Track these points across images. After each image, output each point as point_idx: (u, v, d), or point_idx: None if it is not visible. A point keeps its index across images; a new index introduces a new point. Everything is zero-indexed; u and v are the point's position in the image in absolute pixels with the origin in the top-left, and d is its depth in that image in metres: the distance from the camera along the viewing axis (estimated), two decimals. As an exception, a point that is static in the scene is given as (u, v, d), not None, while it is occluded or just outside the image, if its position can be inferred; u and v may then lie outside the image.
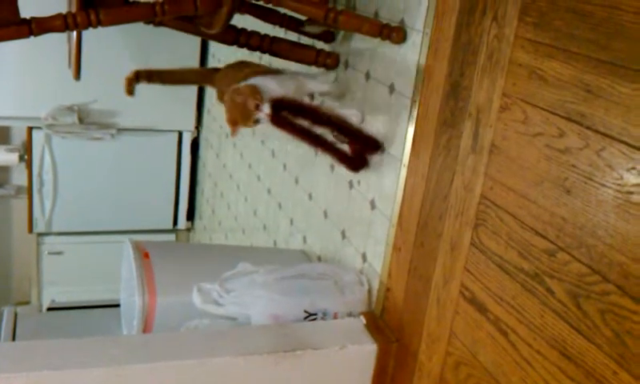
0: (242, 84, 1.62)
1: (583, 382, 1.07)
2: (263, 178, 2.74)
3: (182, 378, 1.52)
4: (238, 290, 1.61)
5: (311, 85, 1.89)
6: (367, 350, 1.60)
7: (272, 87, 1.63)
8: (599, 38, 1.05)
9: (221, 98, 1.75)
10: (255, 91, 1.57)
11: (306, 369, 1.57)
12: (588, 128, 1.06)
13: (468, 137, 1.36)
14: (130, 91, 1.69)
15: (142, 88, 1.81)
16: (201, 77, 1.83)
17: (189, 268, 1.88)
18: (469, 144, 1.36)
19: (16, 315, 2.39)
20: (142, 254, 1.87)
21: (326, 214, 2.05)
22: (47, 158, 3.70)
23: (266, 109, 1.55)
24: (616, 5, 1.01)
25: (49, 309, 2.79)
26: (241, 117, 1.58)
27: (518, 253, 1.22)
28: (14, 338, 2.30)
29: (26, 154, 3.72)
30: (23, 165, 3.81)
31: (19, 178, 4.06)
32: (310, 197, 2.19)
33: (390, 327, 1.63)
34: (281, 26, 2.01)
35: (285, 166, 2.46)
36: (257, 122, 1.59)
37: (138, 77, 1.69)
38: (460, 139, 1.38)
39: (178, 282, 1.77)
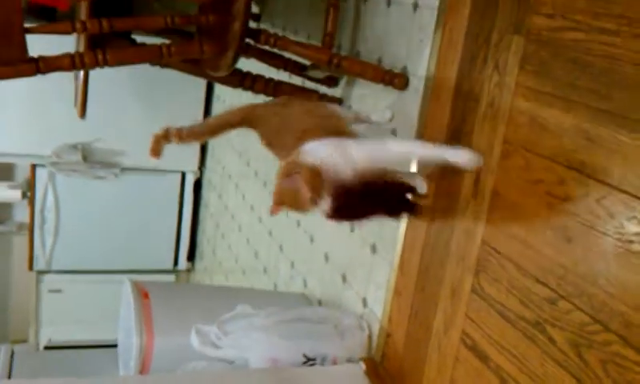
0: (301, 157, 1.21)
1: (585, 434, 1.05)
2: (265, 219, 2.74)
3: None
4: (236, 333, 1.60)
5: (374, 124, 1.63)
6: (366, 396, 1.58)
7: (340, 162, 1.22)
8: (599, 88, 1.06)
9: (269, 144, 1.41)
10: (316, 178, 1.17)
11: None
12: (588, 176, 1.07)
13: (469, 183, 1.36)
14: (157, 152, 1.35)
15: (145, 128, 1.77)
16: (240, 120, 1.43)
17: (188, 309, 1.87)
18: (470, 191, 1.36)
19: (13, 353, 2.37)
20: (142, 294, 1.86)
21: (327, 258, 2.05)
22: (50, 196, 3.71)
23: (325, 205, 1.19)
24: (616, 56, 1.03)
25: (46, 347, 2.77)
26: (290, 203, 1.22)
27: (519, 300, 1.21)
28: (9, 376, 2.28)
29: (29, 190, 3.74)
30: (26, 202, 3.82)
31: (21, 214, 4.06)
32: (312, 240, 2.18)
33: (390, 374, 1.61)
34: (285, 69, 2.03)
35: (286, 209, 2.46)
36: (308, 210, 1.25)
37: (167, 135, 1.36)
38: (461, 186, 1.39)
39: (177, 324, 1.76)
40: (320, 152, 1.22)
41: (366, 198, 1.28)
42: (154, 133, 1.36)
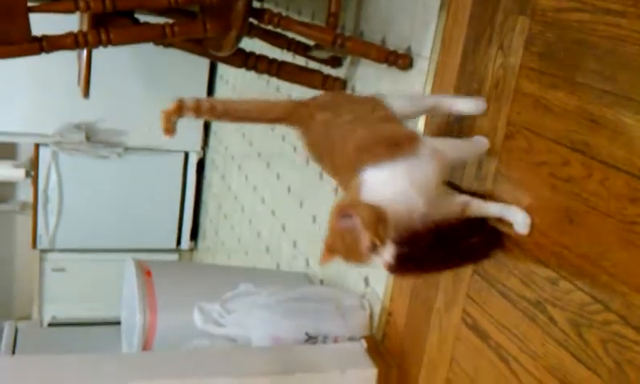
0: (359, 192, 1.03)
1: (584, 413, 1.06)
2: (268, 200, 2.75)
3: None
4: (239, 311, 1.61)
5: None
6: (367, 375, 1.59)
7: (405, 200, 1.04)
8: (604, 69, 1.06)
9: (319, 159, 1.21)
10: (378, 220, 0.98)
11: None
12: (592, 158, 1.07)
13: (472, 164, 1.37)
14: (170, 129, 1.17)
15: (148, 107, 1.76)
16: (281, 116, 1.21)
17: (190, 288, 1.89)
18: (472, 171, 1.36)
19: (16, 330, 2.39)
20: (145, 273, 1.87)
21: (329, 238, 2.05)
22: (53, 175, 3.72)
23: (388, 254, 0.99)
24: (621, 37, 1.03)
25: (49, 324, 2.79)
26: (345, 250, 1.01)
27: (520, 281, 1.21)
28: (13, 353, 2.30)
29: (33, 170, 3.74)
30: (29, 181, 3.83)
31: (25, 193, 4.07)
32: (314, 220, 2.19)
33: (390, 352, 1.63)
34: (289, 49, 2.03)
35: (289, 189, 2.47)
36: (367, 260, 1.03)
37: (182, 109, 1.16)
38: (464, 168, 1.39)
39: (180, 302, 1.77)
40: (381, 187, 1.03)
41: (436, 245, 1.15)
42: (163, 109, 1.17)
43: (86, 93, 2.13)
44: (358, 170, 1.07)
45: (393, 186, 1.04)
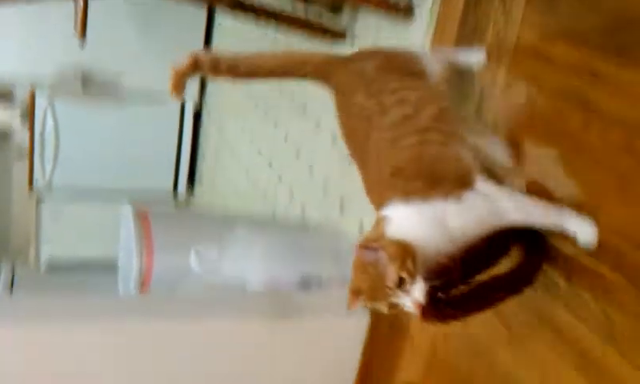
0: (384, 230, 0.91)
1: None
2: (265, 150, 2.76)
3: (175, 337, 1.55)
4: (235, 254, 1.63)
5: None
6: (360, 320, 1.62)
7: (438, 236, 0.92)
8: (607, 24, 1.06)
9: (351, 152, 1.06)
10: (405, 253, 0.87)
11: (299, 335, 1.59)
12: (593, 111, 1.08)
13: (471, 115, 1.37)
14: (180, 89, 1.02)
15: (145, 54, 1.71)
16: (308, 71, 1.06)
17: (187, 231, 1.90)
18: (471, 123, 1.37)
19: (14, 271, 2.41)
20: (141, 216, 1.88)
21: (325, 186, 2.07)
22: (49, 120, 3.71)
23: (418, 291, 0.88)
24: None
25: (46, 268, 2.81)
26: (370, 290, 0.90)
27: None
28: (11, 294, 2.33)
29: (29, 115, 3.73)
30: (25, 126, 3.81)
31: (21, 138, 4.06)
32: (311, 169, 2.20)
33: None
34: (289, -2, 2.02)
35: (286, 138, 2.47)
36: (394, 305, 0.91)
37: (197, 67, 1.00)
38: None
39: (176, 245, 1.79)
40: (409, 229, 0.90)
41: (469, 276, 1.02)
42: (175, 66, 1.00)
43: (83, 34, 2.12)
44: (388, 200, 0.94)
45: (423, 231, 0.91)
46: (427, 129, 0.99)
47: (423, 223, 0.91)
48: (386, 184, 0.96)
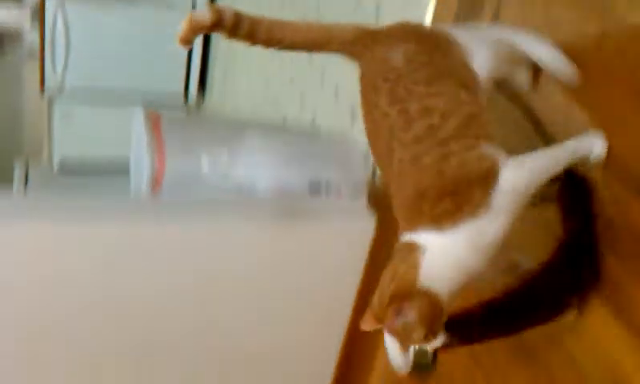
0: (416, 278, 0.86)
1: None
2: (276, 54, 2.72)
3: (185, 238, 1.58)
4: (245, 160, 1.64)
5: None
6: (366, 225, 1.64)
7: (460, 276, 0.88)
8: None
9: (374, 151, 1.00)
10: (435, 316, 0.87)
11: (306, 239, 1.62)
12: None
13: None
14: (189, 40, 0.96)
15: None
16: (337, 45, 1.00)
17: (198, 136, 1.90)
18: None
19: (28, 171, 2.44)
20: (153, 119, 1.88)
21: (337, 93, 2.05)
22: (59, 21, 3.66)
23: (438, 342, 0.90)
24: None
25: (59, 168, 2.84)
26: (394, 332, 0.90)
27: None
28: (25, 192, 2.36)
29: (39, 15, 3.68)
30: (35, 26, 3.77)
31: (31, 39, 4.02)
32: (322, 75, 2.18)
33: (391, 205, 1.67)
34: None
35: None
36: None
37: (219, 24, 0.94)
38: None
39: (187, 149, 1.79)
40: (441, 262, 0.86)
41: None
42: (194, 16, 0.94)
43: None
44: (417, 226, 0.89)
45: (456, 262, 0.87)
46: (450, 139, 0.90)
47: (460, 255, 0.87)
48: (412, 208, 0.91)
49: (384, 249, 1.64)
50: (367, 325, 0.92)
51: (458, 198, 0.87)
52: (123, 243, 1.53)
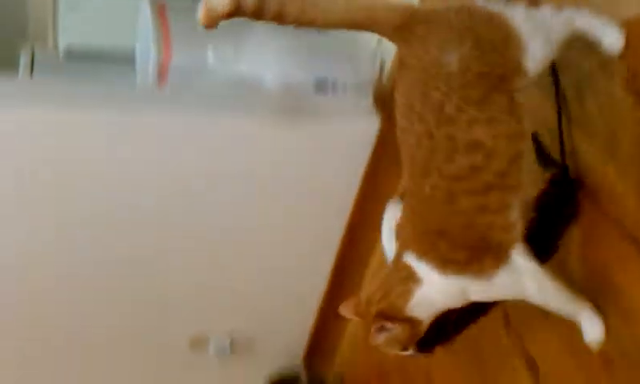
0: (406, 302, 0.97)
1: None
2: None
3: (189, 130, 1.58)
4: (251, 53, 1.62)
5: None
6: (371, 125, 1.64)
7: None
8: None
9: (404, 155, 0.95)
10: (413, 336, 1.00)
11: (309, 136, 1.62)
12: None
13: None
14: (213, 23, 0.92)
15: None
16: (375, 29, 0.92)
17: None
18: None
19: (34, 56, 2.41)
20: (159, 9, 1.84)
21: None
22: None
23: (411, 352, 1.03)
24: None
25: (64, 55, 2.80)
26: (376, 343, 1.02)
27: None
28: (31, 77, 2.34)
29: None
30: None
31: None
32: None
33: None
34: None
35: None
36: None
37: (238, 11, 0.89)
38: None
39: (193, 40, 1.76)
40: (435, 297, 0.96)
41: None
42: (209, 3, 0.88)
43: None
44: (425, 256, 0.95)
45: (444, 300, 0.98)
46: (490, 188, 0.89)
47: (448, 296, 0.96)
48: (429, 239, 0.94)
49: (387, 149, 1.66)
50: (347, 312, 1.04)
51: (472, 255, 0.92)
52: (126, 131, 1.53)
